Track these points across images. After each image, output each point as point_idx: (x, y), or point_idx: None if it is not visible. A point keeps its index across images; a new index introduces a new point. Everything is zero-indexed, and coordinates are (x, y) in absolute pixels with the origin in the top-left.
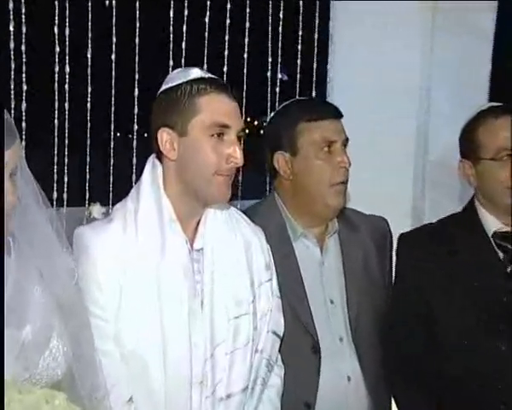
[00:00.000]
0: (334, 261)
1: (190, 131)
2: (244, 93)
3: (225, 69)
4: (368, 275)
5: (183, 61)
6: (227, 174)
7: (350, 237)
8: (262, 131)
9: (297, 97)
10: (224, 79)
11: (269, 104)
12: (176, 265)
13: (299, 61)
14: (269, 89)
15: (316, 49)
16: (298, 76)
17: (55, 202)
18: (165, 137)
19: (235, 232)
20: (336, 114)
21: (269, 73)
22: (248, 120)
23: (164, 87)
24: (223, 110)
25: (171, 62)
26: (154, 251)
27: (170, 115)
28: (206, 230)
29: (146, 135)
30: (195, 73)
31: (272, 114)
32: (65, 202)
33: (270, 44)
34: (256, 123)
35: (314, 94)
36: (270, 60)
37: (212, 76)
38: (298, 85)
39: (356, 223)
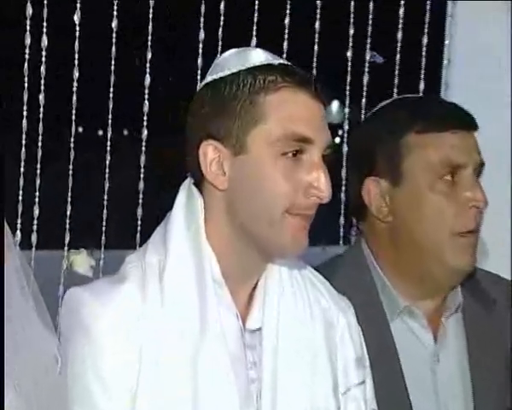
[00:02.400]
0: (455, 355)
1: (250, 146)
2: None
3: (285, 45)
4: (508, 376)
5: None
6: (305, 213)
7: (481, 318)
8: (342, 143)
9: (395, 94)
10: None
11: (348, 102)
12: (222, 354)
13: (399, 35)
14: (348, 77)
15: (427, 18)
16: (397, 58)
17: (17, 245)
18: (210, 154)
19: (310, 306)
20: (467, 122)
21: (349, 53)
22: None
23: (209, 78)
24: (302, 116)
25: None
26: (189, 331)
27: (218, 122)
28: (266, 300)
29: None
30: (258, 56)
31: (361, 117)
32: (33, 244)
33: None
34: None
35: (422, 87)
36: (351, 31)
37: (285, 62)
38: (397, 73)
39: (490, 293)
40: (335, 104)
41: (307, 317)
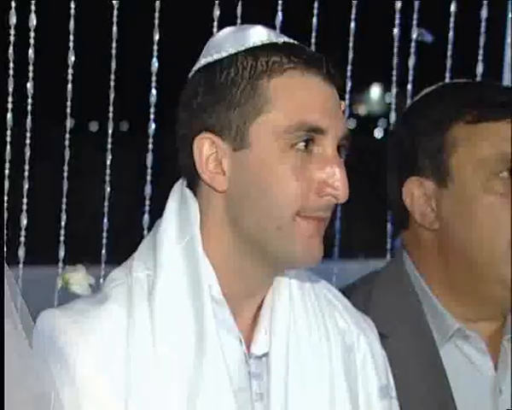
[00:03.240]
0: None
1: (253, 139)
2: (349, 66)
3: (314, 21)
4: None
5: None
6: (318, 216)
7: None
8: (380, 137)
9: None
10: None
11: (394, 88)
12: (223, 383)
13: (452, 8)
14: (395, 59)
15: None
16: (450, 36)
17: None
18: (206, 150)
19: (326, 327)
20: None
21: (396, 30)
22: (351, 113)
23: (203, 61)
24: (312, 102)
25: None
26: (184, 358)
27: (214, 112)
28: (274, 320)
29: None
30: (259, 34)
31: (403, 106)
32: (20, 260)
33: None
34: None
35: (481, 71)
36: (399, 5)
37: (291, 40)
38: (450, 55)
39: None
40: (376, 90)
41: (322, 340)
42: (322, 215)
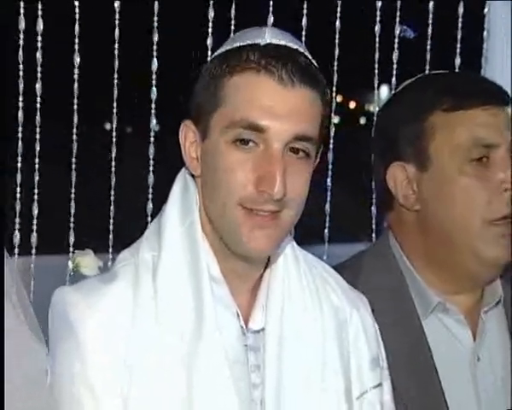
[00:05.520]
0: (496, 354)
1: (211, 131)
2: (335, 60)
3: (304, 21)
4: None
5: None
6: (258, 209)
7: None
8: (365, 122)
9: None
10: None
11: (376, 78)
12: (219, 356)
13: (431, 5)
14: (376, 53)
15: None
16: (429, 31)
17: (16, 249)
18: (188, 136)
19: (320, 303)
20: (499, 97)
21: (377, 27)
22: (339, 100)
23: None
24: (259, 101)
25: None
26: (183, 332)
27: (195, 103)
28: (270, 297)
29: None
30: (255, 35)
31: (386, 95)
32: (33, 247)
33: None
34: (353, 106)
35: (459, 63)
36: (379, 3)
37: (280, 42)
38: (429, 48)
39: None
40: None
41: (316, 316)
42: (261, 208)
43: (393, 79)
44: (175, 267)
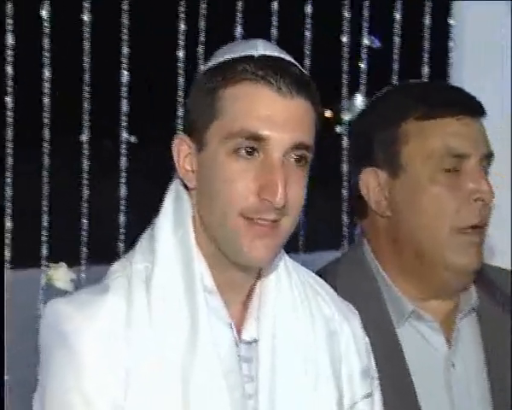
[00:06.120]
0: (471, 360)
1: (208, 142)
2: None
3: (274, 32)
4: None
5: None
6: (260, 218)
7: (498, 318)
8: (339, 130)
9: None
10: None
11: (344, 89)
12: (214, 366)
13: (397, 16)
14: (346, 63)
15: None
16: (396, 41)
17: None
18: (182, 149)
19: (312, 314)
20: (472, 107)
21: (345, 38)
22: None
23: (202, 69)
24: (258, 112)
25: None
26: (178, 344)
27: (190, 115)
28: (262, 308)
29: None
30: (247, 47)
31: (360, 105)
32: (5, 261)
33: None
34: (329, 115)
35: (427, 72)
36: (346, 14)
37: (273, 54)
38: (397, 58)
39: (507, 292)
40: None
41: (308, 327)
42: (265, 217)
43: (363, 88)
44: (169, 278)
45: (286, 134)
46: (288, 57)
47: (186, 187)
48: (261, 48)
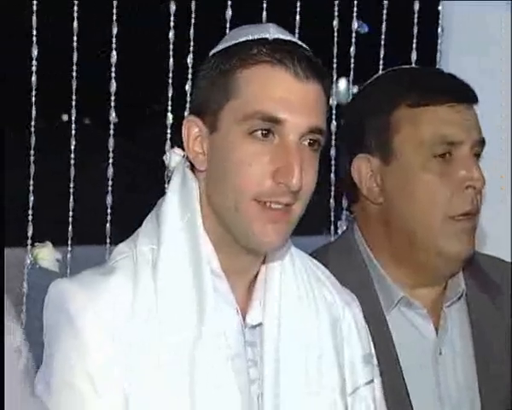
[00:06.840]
0: (459, 347)
1: (221, 123)
2: None
3: (264, 15)
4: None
5: None
6: (274, 201)
7: (485, 305)
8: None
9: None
10: None
11: (333, 74)
12: (221, 350)
13: (385, 1)
14: (335, 48)
15: None
16: (383, 26)
17: None
18: (192, 130)
19: (315, 300)
20: (464, 95)
21: (335, 22)
22: None
23: (212, 51)
24: (275, 94)
25: None
26: (185, 326)
27: (202, 96)
28: (267, 293)
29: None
30: (260, 30)
31: (350, 92)
32: None
33: None
34: None
35: (415, 58)
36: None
37: (287, 38)
38: (383, 43)
39: (495, 280)
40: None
41: (312, 312)
42: (277, 200)
43: (351, 74)
44: (176, 261)
45: (302, 118)
46: (299, 42)
47: (193, 170)
48: (274, 31)
